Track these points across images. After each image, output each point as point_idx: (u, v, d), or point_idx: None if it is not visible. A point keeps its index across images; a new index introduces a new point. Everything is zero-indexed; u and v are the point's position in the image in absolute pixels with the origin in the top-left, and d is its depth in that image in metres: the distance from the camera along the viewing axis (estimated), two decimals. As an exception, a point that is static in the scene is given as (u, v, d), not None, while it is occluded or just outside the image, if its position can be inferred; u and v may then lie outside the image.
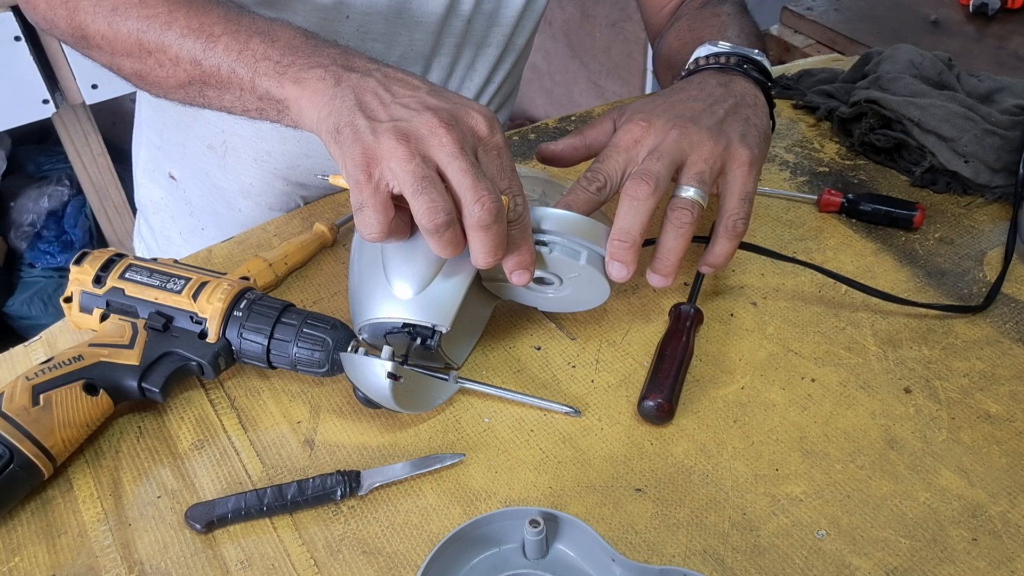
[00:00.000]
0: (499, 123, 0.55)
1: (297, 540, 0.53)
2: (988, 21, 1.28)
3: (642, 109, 0.63)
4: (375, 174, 0.51)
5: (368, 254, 0.59)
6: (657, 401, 0.58)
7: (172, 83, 0.62)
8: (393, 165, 0.51)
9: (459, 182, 0.51)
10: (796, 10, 1.34)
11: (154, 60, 0.61)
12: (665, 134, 0.60)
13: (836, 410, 0.60)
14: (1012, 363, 0.63)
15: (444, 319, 0.57)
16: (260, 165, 0.87)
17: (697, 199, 0.59)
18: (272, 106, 0.58)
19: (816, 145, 0.87)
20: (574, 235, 0.58)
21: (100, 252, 0.62)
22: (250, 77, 0.57)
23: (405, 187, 0.50)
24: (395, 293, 0.56)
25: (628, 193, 0.58)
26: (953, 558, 0.51)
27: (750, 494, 0.55)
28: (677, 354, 0.61)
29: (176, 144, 0.91)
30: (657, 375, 0.60)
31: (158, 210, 0.99)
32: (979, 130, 0.77)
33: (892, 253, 0.73)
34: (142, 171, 0.99)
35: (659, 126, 0.61)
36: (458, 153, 0.51)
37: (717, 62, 0.68)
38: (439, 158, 0.51)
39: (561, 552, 0.51)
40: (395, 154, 0.51)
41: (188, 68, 0.59)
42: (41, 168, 2.02)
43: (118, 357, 0.58)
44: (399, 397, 0.56)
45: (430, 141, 0.51)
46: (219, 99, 0.60)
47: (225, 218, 0.93)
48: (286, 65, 0.56)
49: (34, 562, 0.52)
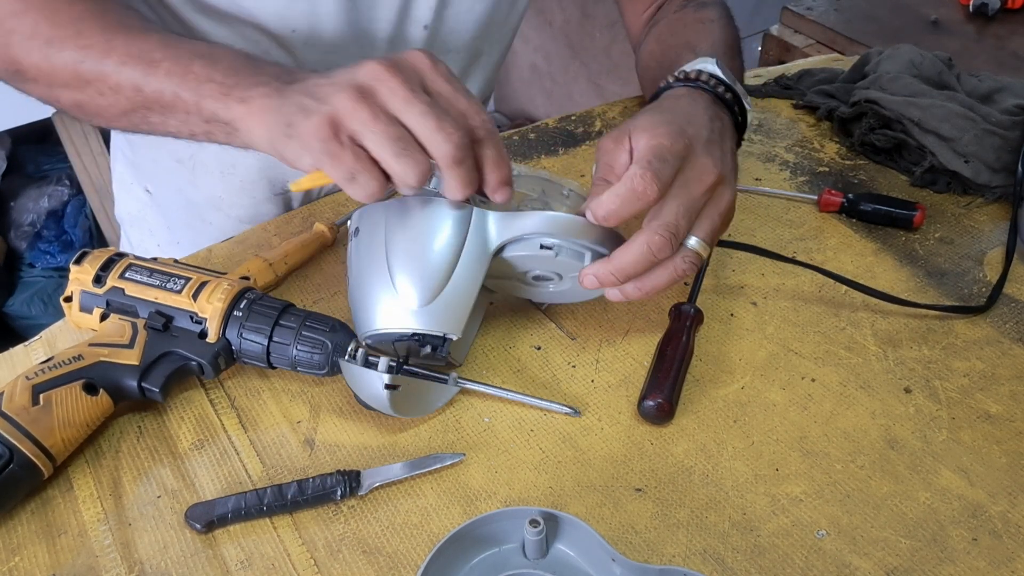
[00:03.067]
0: (435, 56, 0.54)
1: (297, 540, 0.53)
2: (988, 21, 1.28)
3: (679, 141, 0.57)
4: (344, 140, 0.50)
5: (371, 261, 0.58)
6: (657, 401, 0.58)
7: (114, 111, 0.61)
8: (358, 128, 0.50)
9: (422, 124, 0.51)
10: (796, 10, 1.34)
11: (94, 89, 0.60)
12: (707, 187, 0.57)
13: (836, 410, 0.60)
14: (1012, 363, 0.63)
15: (455, 328, 0.57)
16: (227, 177, 0.87)
17: (702, 252, 0.57)
18: (220, 128, 0.57)
19: (816, 145, 0.87)
20: (579, 238, 0.57)
21: (100, 252, 0.62)
22: (195, 100, 0.56)
23: (382, 150, 0.50)
24: (404, 302, 0.56)
25: (651, 246, 0.55)
26: (953, 558, 0.51)
27: (750, 494, 0.55)
28: (677, 354, 0.61)
29: (149, 160, 0.92)
30: (657, 375, 0.60)
31: (135, 223, 0.99)
32: (979, 130, 0.77)
33: (892, 253, 0.73)
34: (119, 184, 0.99)
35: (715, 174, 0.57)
36: (411, 97, 0.51)
37: (709, 85, 0.65)
38: (394, 106, 0.51)
39: (561, 552, 0.51)
40: (357, 115, 0.50)
41: (130, 95, 0.58)
42: (41, 168, 2.02)
43: (118, 357, 0.58)
44: (398, 404, 0.56)
45: (380, 90, 0.51)
46: (163, 124, 0.60)
47: (200, 232, 0.92)
48: (230, 86, 0.55)
49: (34, 562, 0.52)
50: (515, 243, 0.57)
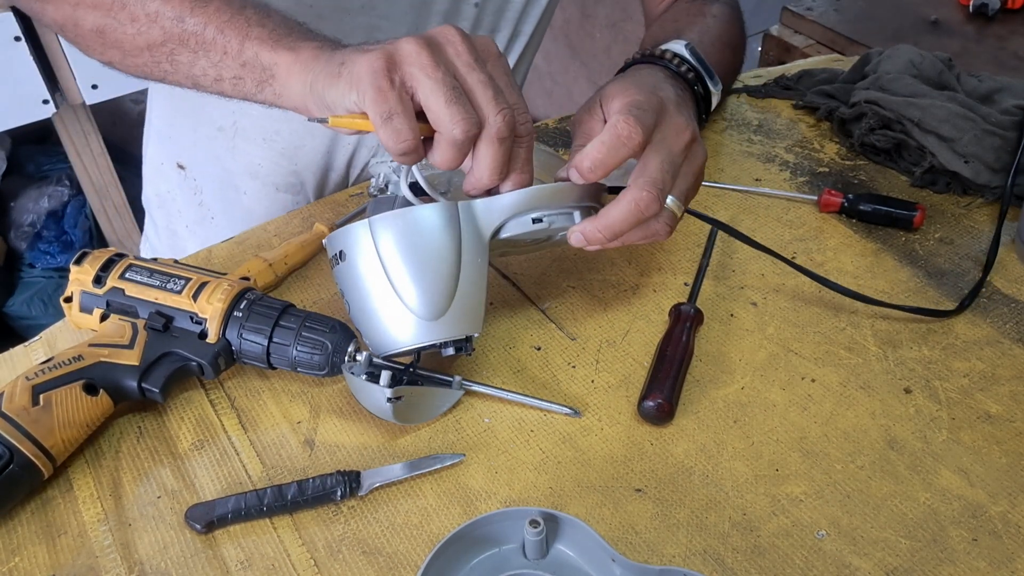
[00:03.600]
0: None
1: (297, 540, 0.53)
2: (988, 21, 1.28)
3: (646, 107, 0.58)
4: (396, 80, 0.50)
5: (371, 283, 0.55)
6: (657, 401, 0.58)
7: (139, 42, 0.59)
8: (415, 71, 0.49)
9: (480, 92, 0.51)
10: (796, 10, 1.34)
11: (127, 14, 0.58)
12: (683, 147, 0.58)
13: (836, 410, 0.60)
14: (1012, 363, 0.63)
15: (476, 326, 0.57)
16: (269, 144, 0.87)
17: (677, 212, 0.58)
18: (253, 74, 0.56)
19: (816, 145, 0.87)
20: (566, 202, 0.57)
21: (100, 252, 0.62)
22: (239, 41, 0.55)
23: (435, 95, 0.49)
24: (419, 317, 0.55)
25: (639, 203, 0.54)
26: (953, 558, 0.51)
27: (750, 494, 0.55)
28: (677, 354, 0.61)
29: (187, 130, 0.92)
30: (657, 375, 0.60)
31: (164, 203, 0.99)
32: (979, 130, 0.77)
33: (892, 253, 0.73)
34: (150, 166, 0.99)
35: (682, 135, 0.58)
36: (476, 64, 0.51)
37: (672, 64, 0.67)
38: (458, 66, 0.51)
39: (561, 552, 0.51)
40: (419, 60, 0.49)
41: (167, 25, 0.57)
42: (41, 168, 2.02)
43: (118, 357, 0.58)
44: (401, 414, 0.56)
45: (447, 50, 0.51)
46: (190, 64, 0.58)
47: (233, 203, 0.93)
48: (281, 34, 0.55)
49: (34, 562, 0.52)
50: (506, 224, 0.57)
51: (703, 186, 0.80)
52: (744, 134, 0.88)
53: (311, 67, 0.53)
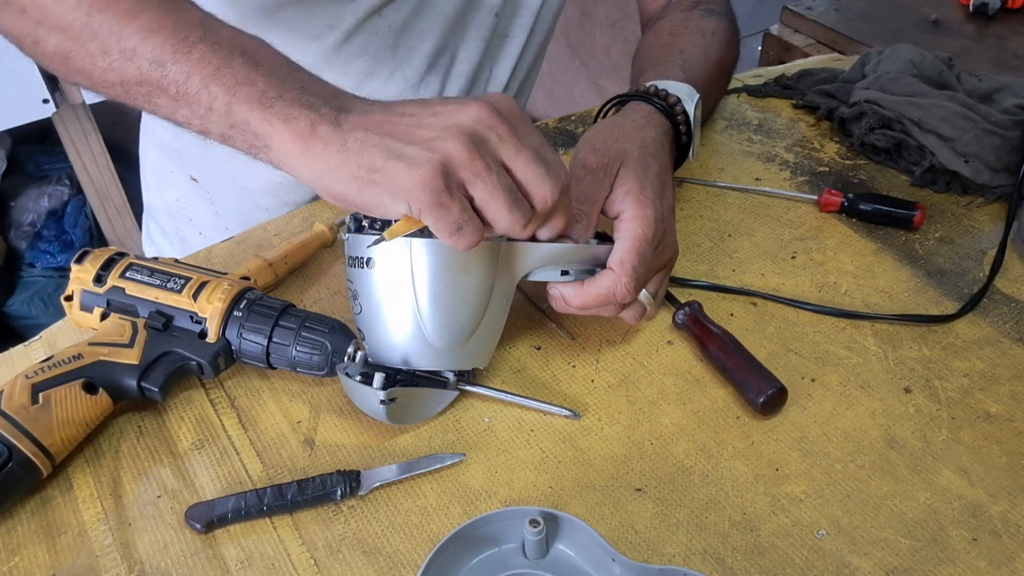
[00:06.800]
0: None
1: (297, 540, 0.53)
2: (988, 21, 1.28)
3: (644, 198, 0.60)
4: (454, 190, 0.48)
5: (394, 299, 0.55)
6: (771, 391, 0.58)
7: (110, 77, 0.53)
8: (470, 178, 0.49)
9: (530, 172, 0.51)
10: (796, 10, 1.34)
11: (97, 46, 0.51)
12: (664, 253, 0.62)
13: (836, 410, 0.60)
14: (1012, 363, 0.63)
15: (485, 359, 0.59)
16: None
17: (648, 306, 0.62)
18: (244, 138, 0.51)
19: (816, 145, 0.87)
20: (592, 264, 0.59)
21: (101, 251, 0.62)
22: (226, 100, 0.50)
23: (495, 201, 0.49)
24: (436, 345, 0.56)
25: (617, 292, 0.58)
26: (953, 558, 0.51)
27: (750, 494, 0.55)
28: (731, 345, 0.62)
29: (195, 147, 0.88)
30: (741, 373, 0.60)
31: (173, 212, 0.96)
32: (979, 130, 0.77)
33: (892, 253, 0.73)
34: (153, 172, 0.97)
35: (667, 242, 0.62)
36: (519, 145, 0.51)
37: (669, 108, 0.69)
38: (504, 153, 0.50)
39: (561, 552, 0.51)
40: (472, 167, 0.48)
41: (145, 68, 0.51)
42: (41, 168, 2.02)
43: (118, 356, 0.58)
44: (395, 415, 0.56)
45: (490, 138, 0.50)
46: (171, 110, 0.53)
47: (251, 218, 0.90)
48: (273, 97, 0.50)
49: (34, 562, 0.52)
50: (537, 270, 0.58)
51: (703, 187, 0.80)
52: (744, 133, 0.88)
53: (311, 148, 0.49)
